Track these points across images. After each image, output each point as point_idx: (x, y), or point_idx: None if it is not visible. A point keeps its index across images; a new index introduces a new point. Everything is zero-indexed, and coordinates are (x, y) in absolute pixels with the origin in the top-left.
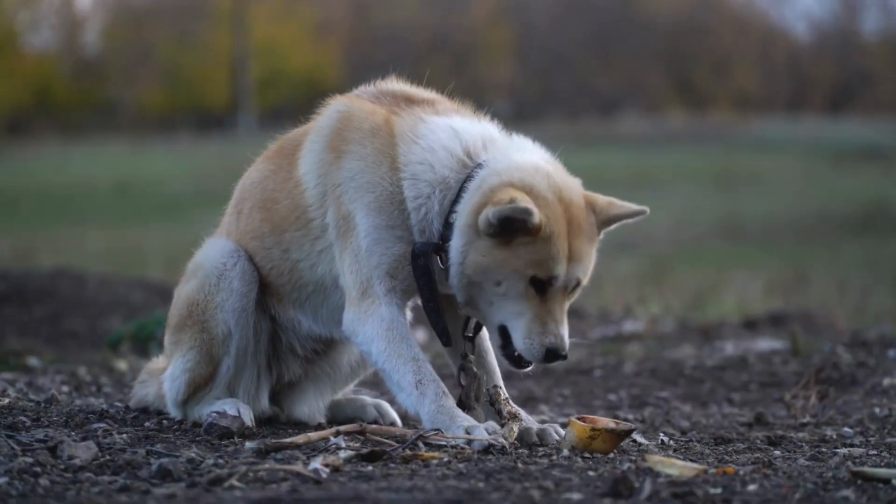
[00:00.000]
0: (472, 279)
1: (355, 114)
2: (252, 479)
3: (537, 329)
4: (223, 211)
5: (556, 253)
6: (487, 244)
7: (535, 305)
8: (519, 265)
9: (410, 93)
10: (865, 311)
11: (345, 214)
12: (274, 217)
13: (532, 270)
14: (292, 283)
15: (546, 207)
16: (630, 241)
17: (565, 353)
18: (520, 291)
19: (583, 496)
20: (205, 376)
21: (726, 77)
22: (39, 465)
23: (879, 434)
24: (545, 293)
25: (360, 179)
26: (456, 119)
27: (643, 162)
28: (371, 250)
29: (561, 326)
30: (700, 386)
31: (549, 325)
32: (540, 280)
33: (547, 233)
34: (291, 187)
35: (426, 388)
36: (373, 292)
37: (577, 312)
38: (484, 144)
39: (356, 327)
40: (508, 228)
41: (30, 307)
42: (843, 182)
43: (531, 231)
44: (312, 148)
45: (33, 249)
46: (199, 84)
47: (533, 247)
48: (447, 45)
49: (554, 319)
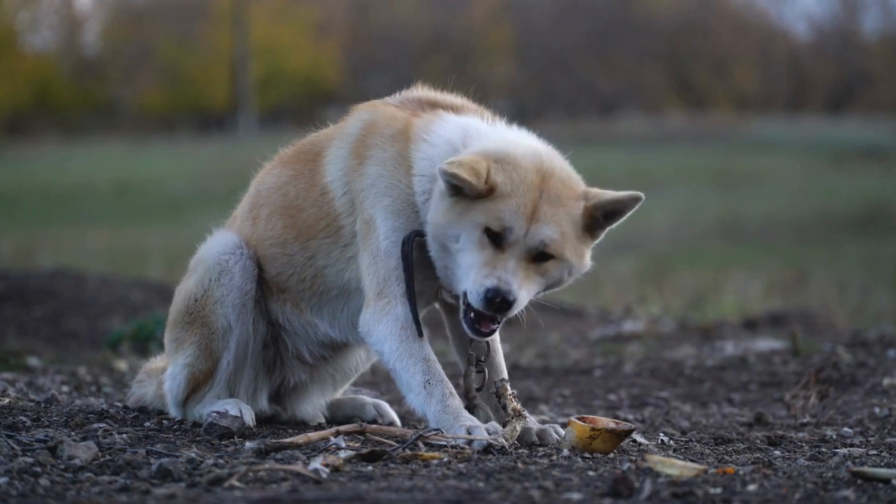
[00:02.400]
0: (438, 241)
1: (379, 120)
2: (252, 479)
3: (483, 272)
4: (226, 212)
5: (513, 207)
6: (447, 202)
7: (487, 255)
8: (473, 216)
9: (436, 98)
10: (865, 311)
11: (367, 219)
12: (299, 224)
13: (484, 219)
14: (314, 289)
15: (513, 171)
16: (630, 241)
17: (508, 297)
18: (474, 242)
19: (583, 496)
20: (204, 372)
21: (726, 77)
22: (39, 465)
23: (879, 434)
24: (501, 247)
25: (380, 184)
26: (475, 119)
27: (643, 162)
28: (389, 252)
29: (508, 274)
30: (700, 386)
31: (496, 271)
32: (494, 232)
33: (505, 190)
34: (318, 195)
35: (434, 388)
36: (389, 293)
37: (577, 312)
38: (487, 136)
39: (371, 327)
40: (460, 192)
41: (30, 307)
42: (842, 182)
43: (481, 194)
44: (338, 154)
45: (33, 249)
46: (199, 84)
47: (491, 202)
48: (447, 45)
49: (504, 268)
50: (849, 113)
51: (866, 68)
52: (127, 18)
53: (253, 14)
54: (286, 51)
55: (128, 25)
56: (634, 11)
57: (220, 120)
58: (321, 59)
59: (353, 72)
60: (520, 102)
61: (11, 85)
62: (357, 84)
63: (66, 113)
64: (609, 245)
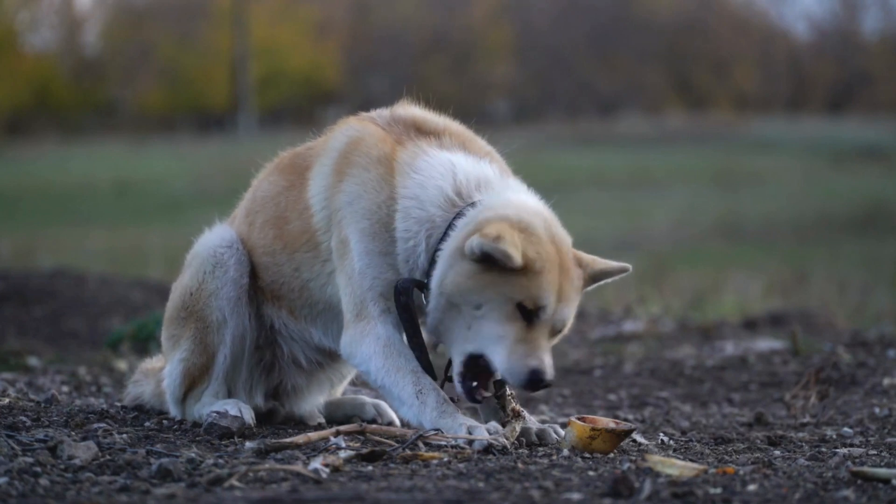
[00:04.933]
0: (451, 300)
1: (365, 139)
2: (252, 479)
3: (522, 351)
4: (226, 212)
5: (548, 286)
6: (472, 268)
7: (519, 330)
8: (506, 289)
9: (422, 121)
10: (865, 311)
11: (343, 239)
12: (285, 236)
13: (520, 296)
14: (303, 300)
15: (539, 245)
16: (630, 240)
17: (550, 380)
18: (504, 315)
19: (583, 496)
20: (200, 367)
21: (726, 77)
22: (39, 465)
23: (879, 434)
24: (531, 323)
25: (358, 205)
26: (458, 156)
27: (643, 162)
28: (364, 273)
29: (546, 354)
30: (700, 386)
31: (536, 350)
32: (527, 309)
33: (538, 267)
34: (302, 209)
35: (427, 396)
36: (367, 313)
37: (577, 313)
38: (478, 186)
39: (353, 349)
40: (490, 261)
41: (30, 307)
42: (842, 182)
43: (515, 268)
44: (321, 171)
45: (33, 249)
46: (199, 84)
47: (524, 277)
48: (447, 45)
49: (539, 347)
50: (849, 113)
51: (866, 68)
52: (127, 18)
53: (253, 14)
54: (286, 51)
55: (128, 25)
56: (634, 11)
57: (220, 120)
58: (321, 59)
59: (353, 72)
60: (520, 102)
61: (11, 85)
62: (357, 84)
63: (66, 113)
64: (609, 245)
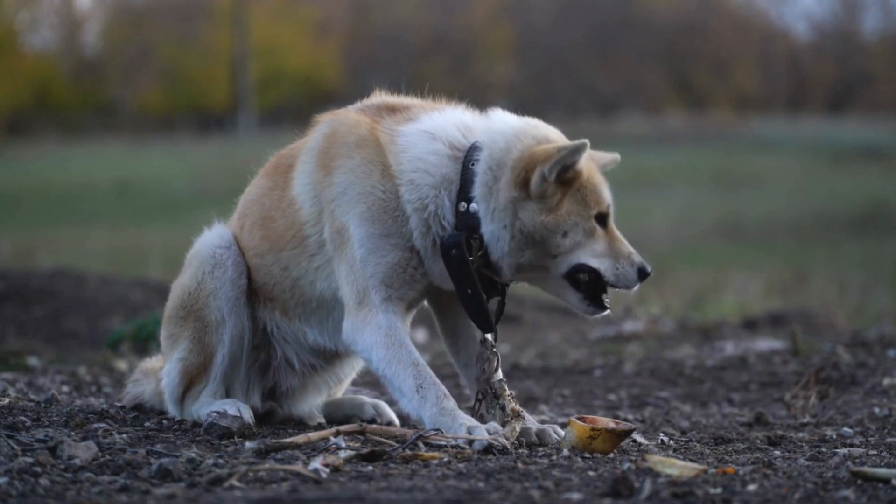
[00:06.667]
0: (534, 240)
1: (339, 129)
2: (252, 479)
3: (616, 255)
4: (226, 212)
5: (601, 183)
6: (541, 205)
7: (606, 238)
8: (581, 209)
9: (391, 102)
10: (865, 311)
11: (339, 227)
12: (271, 235)
13: (595, 208)
14: (295, 300)
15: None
16: (630, 240)
17: (651, 269)
18: (589, 232)
19: (583, 496)
20: (198, 366)
21: (726, 77)
22: (39, 465)
23: (879, 434)
24: (606, 226)
25: (352, 191)
26: (425, 121)
27: (643, 162)
28: (366, 260)
29: (631, 247)
30: (700, 386)
31: (625, 247)
32: (602, 214)
33: (587, 170)
34: (286, 206)
35: (427, 391)
36: (369, 301)
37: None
38: (461, 132)
39: (355, 336)
40: (561, 180)
41: (30, 307)
42: (842, 182)
43: (578, 174)
44: (304, 169)
45: (33, 249)
46: (199, 84)
47: (585, 188)
48: (447, 45)
49: (623, 243)
50: (849, 113)
51: (866, 68)
52: (127, 18)
53: (253, 14)
54: (286, 51)
55: (128, 25)
56: (634, 11)
57: (220, 120)
58: (321, 59)
59: (353, 72)
60: (520, 102)
61: (11, 85)
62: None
63: (66, 113)
64: None
